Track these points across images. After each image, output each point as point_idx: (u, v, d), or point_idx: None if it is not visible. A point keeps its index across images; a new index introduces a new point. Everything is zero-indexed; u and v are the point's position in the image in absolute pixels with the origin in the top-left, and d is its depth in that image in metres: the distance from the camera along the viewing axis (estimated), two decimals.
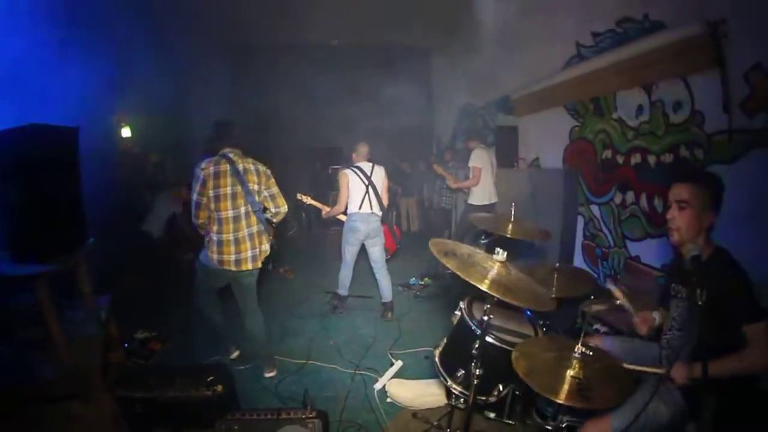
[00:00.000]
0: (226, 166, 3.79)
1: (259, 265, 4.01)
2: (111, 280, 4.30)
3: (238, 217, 3.84)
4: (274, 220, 4.24)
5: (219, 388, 3.11)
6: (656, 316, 2.74)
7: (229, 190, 3.78)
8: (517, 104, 7.19)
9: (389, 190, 5.74)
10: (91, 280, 3.52)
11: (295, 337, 5.09)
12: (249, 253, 3.91)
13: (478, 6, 7.57)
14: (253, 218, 3.94)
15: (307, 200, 5.95)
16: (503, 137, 7.42)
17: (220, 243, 3.83)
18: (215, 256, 3.84)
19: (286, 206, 4.18)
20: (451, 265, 2.26)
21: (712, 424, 2.04)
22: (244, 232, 3.88)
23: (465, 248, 2.58)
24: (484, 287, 2.16)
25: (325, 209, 5.79)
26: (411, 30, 9.38)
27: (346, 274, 5.66)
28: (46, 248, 2.90)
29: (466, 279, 2.18)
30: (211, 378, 3.16)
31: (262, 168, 3.99)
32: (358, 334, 5.21)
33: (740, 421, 2.19)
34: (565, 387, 1.98)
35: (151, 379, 3.17)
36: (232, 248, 3.84)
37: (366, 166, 5.48)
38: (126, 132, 7.49)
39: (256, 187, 3.91)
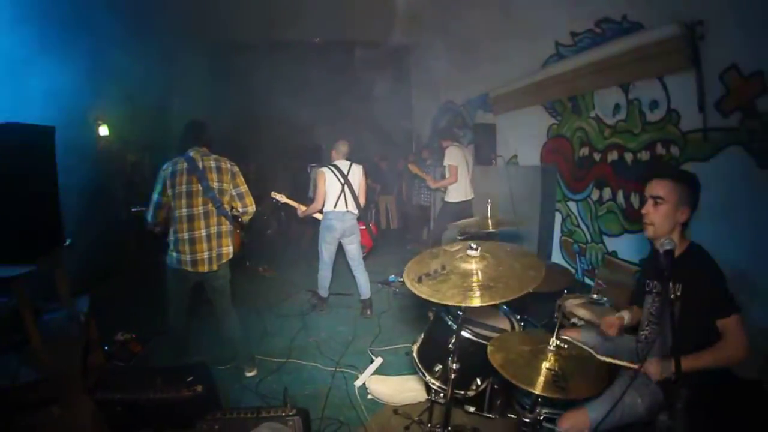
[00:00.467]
0: (183, 165, 3.74)
1: (215, 267, 3.85)
2: (90, 282, 4.25)
3: (194, 216, 3.74)
4: (242, 219, 4.13)
5: (199, 388, 3.08)
6: (625, 315, 2.75)
7: (184, 188, 3.70)
8: (495, 102, 7.23)
9: (367, 188, 5.76)
10: (70, 281, 3.47)
11: (276, 336, 5.07)
12: (206, 255, 3.79)
13: (459, 4, 7.60)
14: (213, 219, 3.82)
15: (282, 199, 5.86)
16: (481, 134, 7.47)
17: (175, 242, 3.76)
18: (174, 255, 3.77)
19: (254, 206, 4.08)
20: (423, 293, 2.19)
21: (684, 413, 2.08)
22: (201, 232, 3.77)
23: (440, 257, 2.51)
24: (463, 303, 2.11)
25: (301, 208, 5.71)
26: (392, 28, 9.37)
27: (324, 275, 5.66)
28: (22, 250, 2.86)
29: (441, 303, 2.13)
30: (191, 378, 3.14)
31: (226, 165, 3.90)
32: (338, 331, 5.21)
33: (712, 409, 2.24)
34: (541, 379, 2.01)
35: (131, 381, 3.12)
36: (187, 248, 3.74)
37: (343, 164, 5.49)
38: (104, 131, 7.39)
39: (216, 184, 3.80)
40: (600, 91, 4.86)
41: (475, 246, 2.38)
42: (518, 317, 3.37)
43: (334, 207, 5.37)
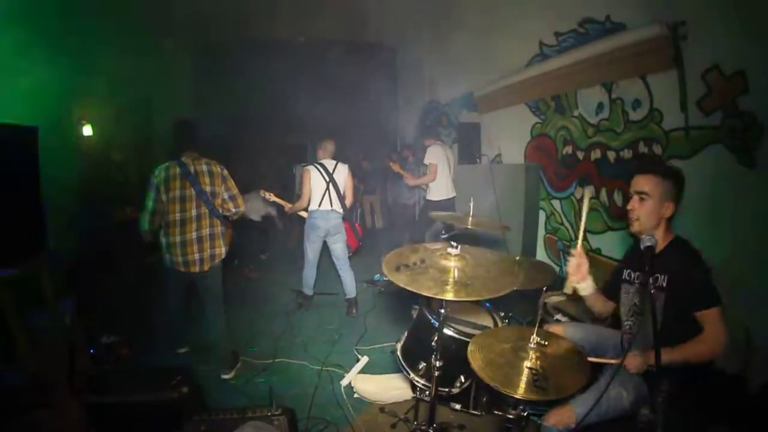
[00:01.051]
0: (176, 170, 3.82)
1: (206, 268, 3.97)
2: (76, 284, 4.22)
3: (186, 220, 3.85)
4: (232, 219, 4.27)
5: (185, 389, 3.07)
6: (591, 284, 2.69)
7: (178, 193, 3.80)
8: (480, 101, 7.28)
9: (354, 187, 5.77)
10: (55, 283, 3.45)
11: (262, 336, 5.04)
12: (197, 256, 3.90)
13: (444, 4, 7.62)
14: (206, 221, 3.93)
15: (271, 197, 5.88)
16: (466, 133, 7.48)
17: (168, 246, 3.88)
18: (167, 257, 3.92)
19: (244, 206, 4.21)
20: (400, 281, 2.22)
21: (666, 407, 2.10)
22: (192, 234, 3.87)
23: (420, 252, 2.52)
24: (437, 295, 2.12)
25: (287, 206, 5.78)
26: (377, 27, 9.38)
27: (309, 273, 5.66)
28: (5, 252, 2.83)
29: (417, 292, 2.14)
30: (176, 380, 3.13)
31: (216, 169, 3.99)
32: (324, 330, 5.20)
33: (694, 404, 2.27)
34: (522, 379, 1.97)
35: (117, 384, 3.10)
36: (179, 250, 3.85)
37: (329, 163, 5.48)
38: (88, 130, 7.32)
39: (208, 188, 3.90)
40: (583, 91, 4.91)
41: (455, 244, 2.39)
42: (502, 315, 3.38)
43: (319, 206, 5.37)
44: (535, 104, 5.90)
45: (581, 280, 2.62)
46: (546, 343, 2.14)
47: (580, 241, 2.61)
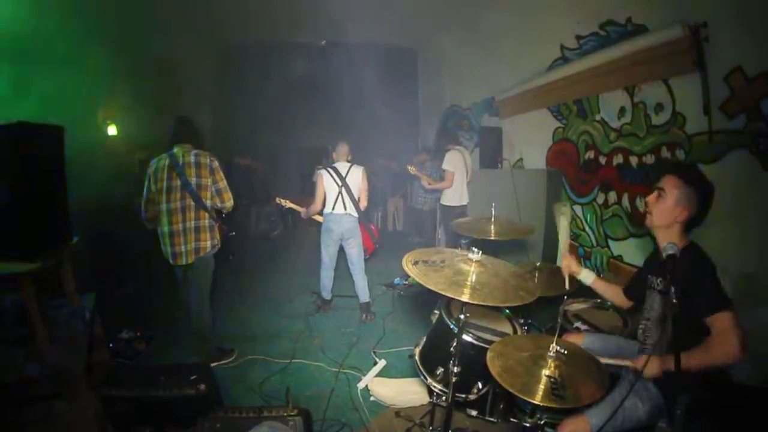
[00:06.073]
0: (165, 161, 3.93)
1: (191, 260, 3.99)
2: (97, 279, 4.30)
3: (173, 211, 3.90)
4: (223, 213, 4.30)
5: (202, 386, 3.10)
6: (584, 273, 2.97)
7: (164, 184, 3.88)
8: (501, 105, 7.25)
9: (371, 189, 5.71)
10: (77, 279, 3.51)
11: (280, 337, 5.07)
12: (183, 248, 3.95)
13: (464, 8, 7.60)
14: (191, 213, 3.95)
15: (286, 204, 5.92)
16: (487, 138, 7.45)
17: (160, 235, 3.97)
18: (162, 248, 4.00)
19: (231, 201, 4.18)
20: (412, 273, 2.23)
21: (684, 421, 2.06)
22: (178, 225, 3.92)
23: (444, 255, 2.53)
24: (444, 291, 2.10)
25: (302, 211, 5.77)
26: (398, 31, 9.37)
27: (326, 276, 5.68)
28: (30, 247, 2.89)
29: (426, 286, 2.13)
30: (194, 377, 3.16)
31: (205, 160, 4.00)
32: (343, 333, 5.20)
33: (713, 417, 2.22)
34: (540, 387, 1.97)
35: (135, 379, 3.15)
36: (168, 240, 3.93)
37: (342, 166, 5.44)
38: (112, 130, 7.45)
39: (194, 179, 3.92)
40: (605, 95, 4.86)
41: (476, 250, 2.37)
42: (521, 321, 3.35)
43: (332, 209, 5.36)
44: (557, 108, 5.86)
45: (576, 273, 2.95)
46: (566, 352, 2.12)
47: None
